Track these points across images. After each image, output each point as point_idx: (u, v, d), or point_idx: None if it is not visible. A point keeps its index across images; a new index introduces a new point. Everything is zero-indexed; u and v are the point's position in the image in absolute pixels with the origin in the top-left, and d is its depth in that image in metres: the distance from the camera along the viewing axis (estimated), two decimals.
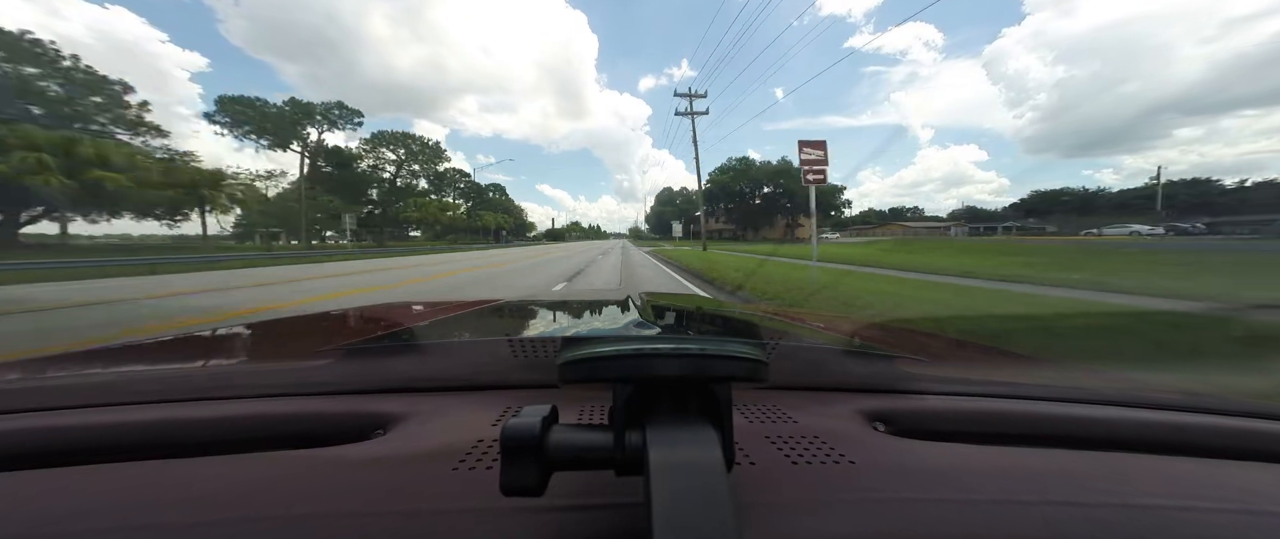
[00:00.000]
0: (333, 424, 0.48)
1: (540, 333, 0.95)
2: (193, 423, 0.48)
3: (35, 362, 0.74)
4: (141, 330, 4.74)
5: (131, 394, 0.55)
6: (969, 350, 1.05)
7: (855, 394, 0.56)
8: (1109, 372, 0.79)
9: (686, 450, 0.27)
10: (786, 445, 0.43)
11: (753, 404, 0.53)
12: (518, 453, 0.28)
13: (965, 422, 0.51)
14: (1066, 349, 2.96)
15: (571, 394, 0.56)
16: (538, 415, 0.29)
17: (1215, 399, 0.58)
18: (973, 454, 0.42)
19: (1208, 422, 0.51)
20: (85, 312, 5.80)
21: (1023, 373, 0.80)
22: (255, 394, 0.54)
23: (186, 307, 6.55)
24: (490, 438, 0.43)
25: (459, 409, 0.50)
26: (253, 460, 0.40)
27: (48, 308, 6.11)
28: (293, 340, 1.02)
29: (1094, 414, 0.52)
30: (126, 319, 5.42)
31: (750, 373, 0.31)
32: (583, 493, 0.34)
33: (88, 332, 4.49)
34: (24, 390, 0.58)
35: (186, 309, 6.29)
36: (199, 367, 0.80)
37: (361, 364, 0.63)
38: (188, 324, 5.15)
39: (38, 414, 0.49)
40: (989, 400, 0.55)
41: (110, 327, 4.84)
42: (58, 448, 0.44)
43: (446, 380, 0.59)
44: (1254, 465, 0.43)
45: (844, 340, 1.00)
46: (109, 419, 0.47)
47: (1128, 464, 0.42)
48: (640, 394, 0.31)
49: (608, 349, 0.30)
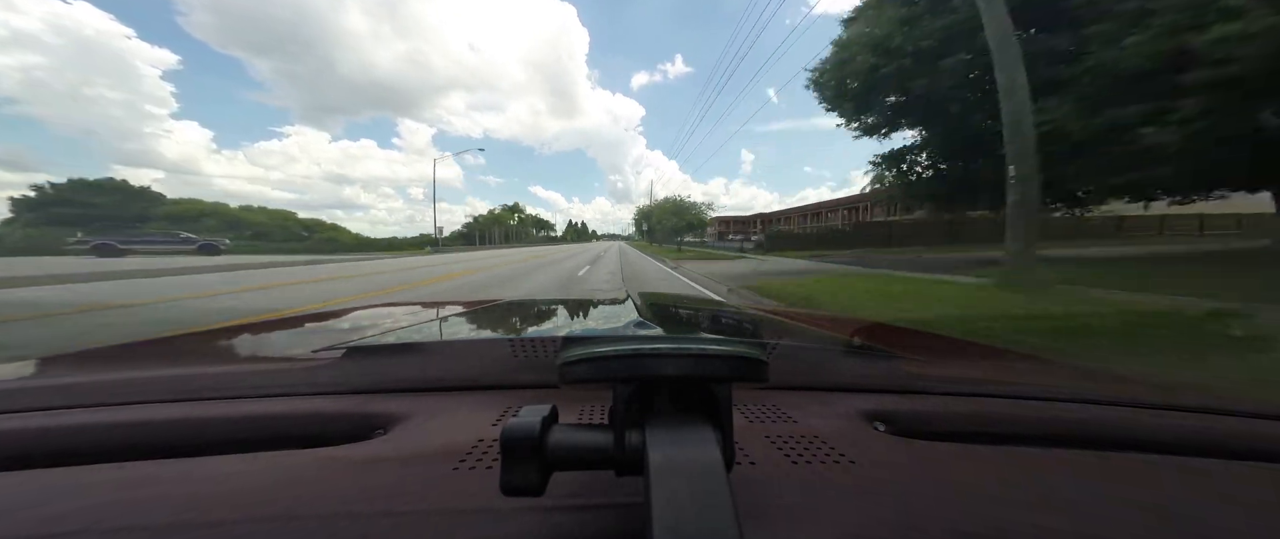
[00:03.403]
0: (333, 424, 0.48)
1: (540, 333, 0.95)
2: (193, 422, 0.48)
3: (35, 362, 0.74)
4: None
5: (131, 394, 0.55)
6: (969, 350, 1.05)
7: (855, 394, 0.56)
8: (1109, 371, 0.79)
9: (686, 450, 0.27)
10: (786, 445, 0.43)
11: (753, 404, 0.53)
12: (518, 453, 0.28)
13: (965, 422, 0.51)
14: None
15: (571, 394, 0.56)
16: (538, 415, 0.29)
17: (1215, 399, 0.58)
18: (973, 454, 0.42)
19: (1208, 422, 0.51)
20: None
21: (1023, 373, 0.80)
22: (255, 394, 0.54)
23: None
24: (490, 438, 0.43)
25: (459, 409, 0.51)
26: (253, 460, 0.40)
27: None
28: (293, 340, 1.03)
29: (1094, 414, 0.52)
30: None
31: (750, 373, 0.31)
32: (583, 493, 0.34)
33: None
34: (24, 390, 0.58)
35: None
36: (199, 366, 0.80)
37: (361, 364, 0.63)
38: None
39: (38, 414, 0.49)
40: (989, 400, 0.55)
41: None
42: (57, 448, 0.44)
43: (446, 380, 0.59)
44: (1254, 465, 0.43)
45: (844, 340, 1.00)
46: (108, 419, 0.47)
47: (1127, 464, 0.42)
48: (640, 394, 0.31)
49: (608, 349, 0.30)
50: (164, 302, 6.55)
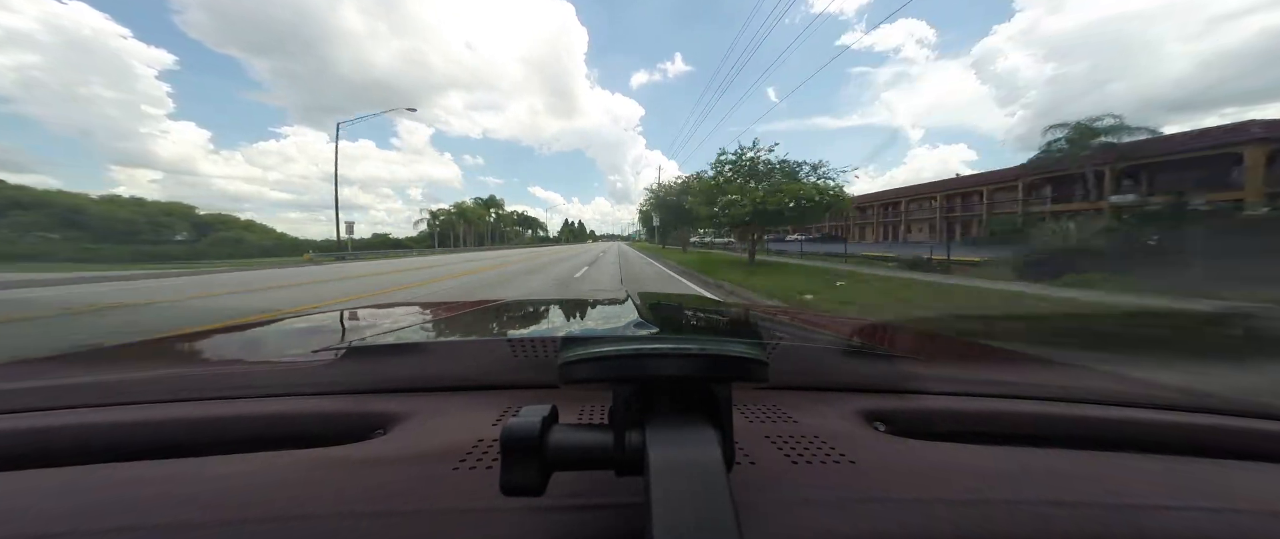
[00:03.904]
0: (333, 424, 0.48)
1: (540, 333, 0.95)
2: (193, 423, 0.48)
3: (35, 362, 0.74)
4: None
5: (131, 394, 0.55)
6: (969, 350, 1.05)
7: (855, 394, 0.56)
8: (1109, 372, 0.79)
9: (686, 450, 0.27)
10: (786, 445, 0.43)
11: (753, 404, 0.53)
12: (518, 453, 0.28)
13: (965, 422, 0.51)
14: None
15: (571, 394, 0.56)
16: (538, 415, 0.29)
17: (1215, 399, 0.58)
18: (973, 454, 0.42)
19: (1208, 422, 0.51)
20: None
21: (1023, 373, 0.80)
22: (255, 394, 0.54)
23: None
24: (490, 438, 0.43)
25: (459, 409, 0.51)
26: (253, 460, 0.40)
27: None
28: (293, 340, 1.02)
29: (1094, 414, 0.52)
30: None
31: (750, 373, 0.31)
32: (583, 493, 0.34)
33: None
34: (24, 390, 0.58)
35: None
36: (199, 367, 0.80)
37: (361, 364, 0.63)
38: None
39: (38, 414, 0.49)
40: (989, 400, 0.55)
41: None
42: (58, 448, 0.44)
43: (447, 380, 0.59)
44: (1255, 465, 0.43)
45: (844, 340, 1.00)
46: (108, 419, 0.47)
47: (1128, 464, 0.42)
48: (640, 394, 0.31)
49: (608, 349, 0.30)
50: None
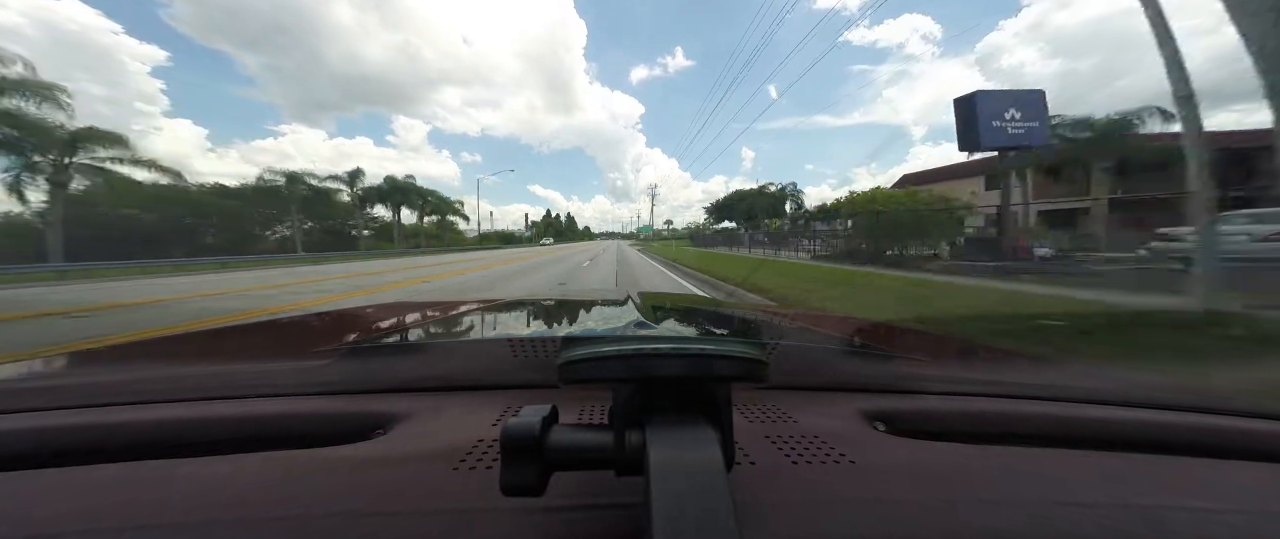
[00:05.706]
0: (333, 424, 0.48)
1: (540, 333, 0.95)
2: (193, 423, 0.48)
3: (35, 361, 0.74)
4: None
5: (131, 394, 0.55)
6: (969, 350, 1.05)
7: (855, 394, 0.56)
8: (1109, 371, 0.79)
9: (686, 450, 0.27)
10: (786, 445, 0.43)
11: (753, 404, 0.53)
12: (518, 453, 0.28)
13: (965, 422, 0.51)
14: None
15: (571, 394, 0.56)
16: (538, 415, 0.29)
17: (1215, 399, 0.58)
18: (973, 454, 0.42)
19: (1208, 422, 0.51)
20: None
21: (1023, 373, 0.80)
22: (255, 394, 0.54)
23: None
24: (490, 438, 0.43)
25: (459, 409, 0.50)
26: (252, 460, 0.40)
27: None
28: (293, 340, 1.02)
29: (1094, 414, 0.52)
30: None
31: (750, 373, 0.31)
32: (583, 493, 0.34)
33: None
34: (24, 390, 0.58)
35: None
36: (198, 366, 0.80)
37: (361, 364, 0.63)
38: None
39: (38, 414, 0.49)
40: (989, 400, 0.55)
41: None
42: (58, 448, 0.44)
43: (446, 380, 0.59)
44: (1254, 465, 0.43)
45: (844, 340, 1.00)
46: (108, 419, 0.47)
47: (1128, 464, 0.42)
48: (640, 394, 0.31)
49: (608, 349, 0.30)
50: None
